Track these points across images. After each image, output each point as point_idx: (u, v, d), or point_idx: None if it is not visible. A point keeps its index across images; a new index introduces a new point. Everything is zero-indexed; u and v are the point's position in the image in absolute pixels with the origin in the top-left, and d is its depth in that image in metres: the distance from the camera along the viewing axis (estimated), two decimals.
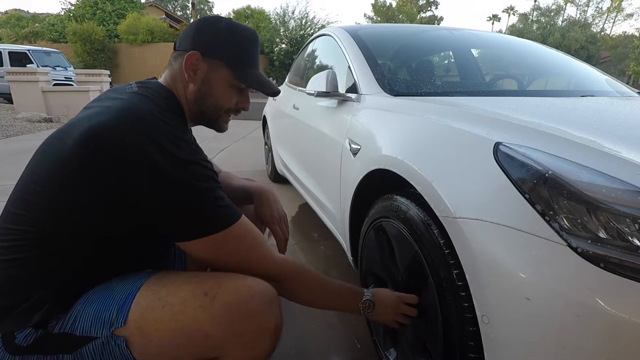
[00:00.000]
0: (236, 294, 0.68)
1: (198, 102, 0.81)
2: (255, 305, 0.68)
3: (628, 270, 0.49)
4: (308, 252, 1.93)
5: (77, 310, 0.66)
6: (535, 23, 29.64)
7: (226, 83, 0.81)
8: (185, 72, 0.78)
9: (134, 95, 0.73)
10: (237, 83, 0.82)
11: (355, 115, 1.29)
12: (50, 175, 0.65)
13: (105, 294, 0.68)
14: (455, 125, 0.84)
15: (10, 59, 9.10)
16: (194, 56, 0.77)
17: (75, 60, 16.81)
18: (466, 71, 1.86)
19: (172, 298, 0.66)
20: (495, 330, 0.61)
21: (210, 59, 0.79)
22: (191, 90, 0.80)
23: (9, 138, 4.68)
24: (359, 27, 1.83)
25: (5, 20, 24.78)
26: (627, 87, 1.65)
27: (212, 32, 0.79)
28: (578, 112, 0.98)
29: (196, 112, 0.83)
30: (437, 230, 0.76)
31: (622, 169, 0.56)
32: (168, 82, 0.81)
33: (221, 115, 0.85)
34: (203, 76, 0.79)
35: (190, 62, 0.77)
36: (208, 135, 5.23)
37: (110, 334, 0.64)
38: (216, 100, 0.82)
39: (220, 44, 0.79)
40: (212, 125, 0.87)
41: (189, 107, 0.82)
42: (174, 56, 0.82)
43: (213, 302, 0.66)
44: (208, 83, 0.80)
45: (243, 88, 0.84)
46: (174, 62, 0.81)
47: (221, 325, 0.65)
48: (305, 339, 1.24)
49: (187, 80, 0.79)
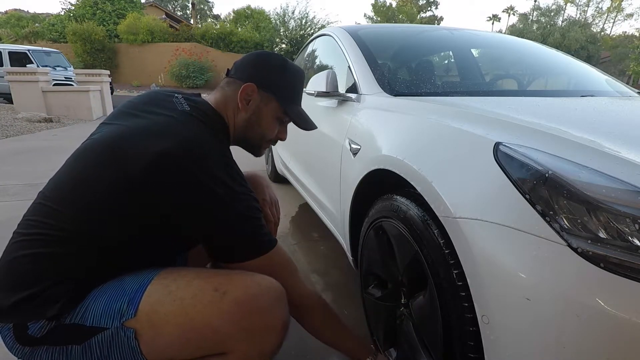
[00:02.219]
0: (245, 290, 0.70)
1: (245, 129, 0.88)
2: (263, 302, 0.70)
3: (628, 270, 0.49)
4: (308, 252, 1.93)
5: (88, 302, 0.68)
6: (535, 23, 29.64)
7: (274, 115, 0.89)
8: (239, 100, 0.85)
9: (191, 120, 0.77)
10: (283, 116, 0.90)
11: (355, 115, 1.29)
12: (103, 182, 0.68)
13: (117, 286, 0.70)
14: (455, 125, 0.84)
15: (10, 59, 9.10)
16: (250, 87, 0.84)
17: (75, 60, 16.80)
18: (466, 71, 1.86)
19: (182, 292, 0.68)
20: (495, 331, 0.61)
21: (263, 92, 0.86)
22: (241, 118, 0.87)
23: (9, 138, 4.67)
24: (359, 27, 1.83)
25: (5, 20, 24.77)
26: (627, 87, 1.65)
27: (269, 67, 0.87)
28: (578, 112, 0.98)
29: (241, 137, 0.90)
30: (437, 230, 0.76)
31: (622, 169, 0.56)
32: (219, 106, 0.86)
33: (263, 143, 0.93)
34: (254, 107, 0.87)
35: (246, 92, 0.84)
36: None
37: (121, 325, 0.66)
38: (262, 129, 0.90)
39: (274, 80, 0.87)
40: (252, 150, 0.95)
41: (235, 130, 0.88)
42: (226, 82, 0.88)
43: (223, 297, 0.68)
44: (258, 114, 0.87)
45: (286, 121, 0.93)
46: (227, 87, 0.87)
47: (230, 321, 0.67)
48: (305, 339, 1.23)
49: (240, 108, 0.86)
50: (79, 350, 0.66)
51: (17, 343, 0.65)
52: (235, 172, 0.75)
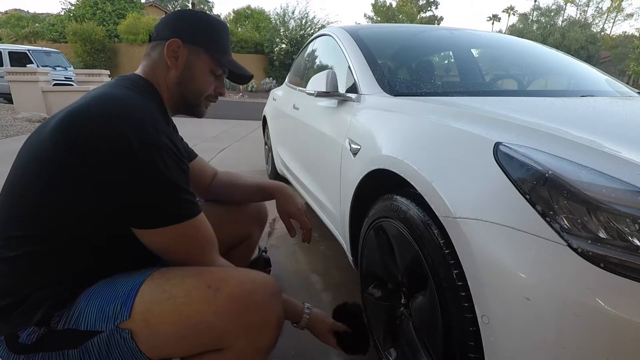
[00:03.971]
0: (239, 286, 0.69)
1: (180, 87, 0.84)
2: (258, 298, 0.70)
3: (628, 270, 0.49)
4: (308, 252, 1.93)
5: (80, 306, 0.67)
6: (535, 23, 29.63)
7: (206, 68, 0.85)
8: (167, 58, 0.81)
9: (110, 86, 0.75)
10: (216, 68, 0.86)
11: (355, 115, 1.29)
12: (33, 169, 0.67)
13: (109, 289, 0.69)
14: (455, 125, 0.84)
15: (10, 59, 9.10)
16: (175, 43, 0.80)
17: (75, 60, 16.79)
18: (466, 71, 1.86)
19: (175, 290, 0.68)
20: (495, 331, 0.61)
21: (190, 46, 0.82)
22: (173, 76, 0.83)
23: (9, 138, 4.68)
24: (359, 27, 1.83)
25: (5, 20, 24.77)
26: (627, 87, 1.65)
27: (190, 21, 0.83)
28: (578, 112, 0.98)
29: (177, 98, 0.85)
30: (437, 230, 0.76)
31: (622, 169, 0.56)
32: (147, 72, 0.83)
33: (202, 100, 0.89)
34: (185, 62, 0.83)
35: (172, 48, 0.81)
36: (208, 136, 5.24)
37: (115, 327, 0.65)
38: (197, 84, 0.85)
39: (199, 32, 0.83)
40: (193, 111, 0.90)
41: (170, 94, 0.84)
42: (151, 47, 0.85)
43: (217, 294, 0.67)
44: (189, 68, 0.83)
45: (220, 74, 0.88)
46: (152, 52, 0.84)
47: (225, 317, 0.67)
48: (305, 339, 1.23)
49: (170, 66, 0.82)
50: (76, 354, 0.66)
51: (11, 352, 0.64)
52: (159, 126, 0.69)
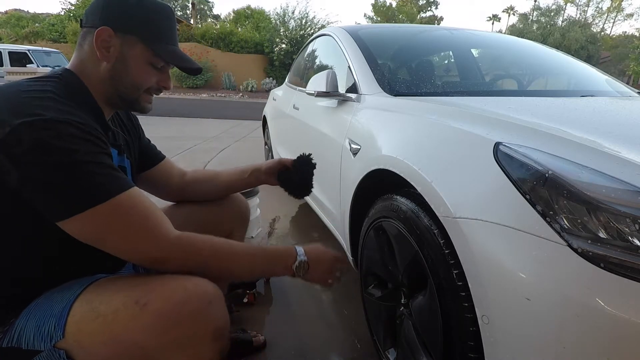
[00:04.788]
0: (168, 299, 0.63)
1: (113, 81, 0.75)
2: (189, 309, 0.63)
3: (628, 270, 0.49)
4: None
5: (21, 324, 0.65)
6: (535, 23, 29.62)
7: (143, 60, 0.75)
8: (97, 49, 0.71)
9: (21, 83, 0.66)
10: (155, 60, 0.76)
11: (355, 115, 1.29)
12: None
13: (46, 306, 0.66)
14: (455, 125, 0.84)
15: (10, 59, 9.08)
16: (105, 32, 0.70)
17: None
18: (466, 71, 1.86)
19: (104, 308, 0.63)
20: (495, 331, 0.61)
21: (123, 35, 0.72)
22: (105, 69, 0.73)
23: None
24: (359, 27, 1.83)
25: (5, 20, 24.77)
26: (627, 87, 1.65)
27: (122, 5, 0.73)
28: (578, 112, 0.98)
29: (112, 93, 0.76)
30: (437, 230, 0.76)
31: (622, 169, 0.56)
32: (76, 65, 0.74)
33: (140, 95, 0.78)
34: (117, 54, 0.73)
35: (102, 38, 0.71)
36: (208, 136, 5.24)
37: (52, 347, 0.63)
38: (133, 78, 0.76)
39: (132, 17, 0.73)
40: (132, 106, 0.80)
41: (103, 88, 0.75)
42: (82, 35, 0.74)
43: (143, 310, 0.62)
44: (123, 60, 0.74)
45: (162, 66, 0.78)
46: (83, 41, 0.74)
47: (153, 335, 0.61)
48: (305, 339, 1.24)
49: (100, 58, 0.72)
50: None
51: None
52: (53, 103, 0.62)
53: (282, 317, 1.37)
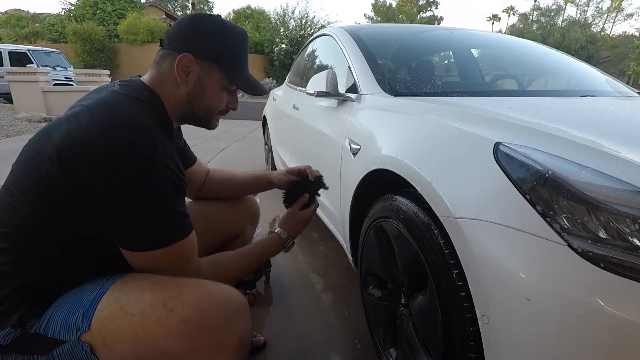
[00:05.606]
0: (194, 306, 0.64)
1: (189, 104, 0.80)
2: (214, 318, 0.64)
3: (628, 270, 0.49)
4: (308, 252, 1.93)
5: (51, 312, 0.66)
6: (535, 23, 29.64)
7: (219, 86, 0.81)
8: (177, 74, 0.76)
9: (113, 94, 0.72)
10: (230, 86, 0.82)
11: (355, 115, 1.29)
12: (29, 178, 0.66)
13: (76, 297, 0.67)
14: (455, 125, 0.84)
15: (10, 59, 9.10)
16: (186, 58, 0.75)
17: (75, 60, 16.81)
18: (466, 71, 1.86)
19: (132, 307, 0.64)
20: (495, 331, 0.61)
21: (203, 62, 0.77)
22: (182, 92, 0.79)
23: (9, 138, 4.68)
24: (359, 27, 1.83)
25: (5, 20, 24.77)
26: (627, 87, 1.65)
27: (206, 34, 0.78)
28: (578, 112, 0.98)
29: (186, 113, 0.82)
30: (437, 230, 0.76)
31: (622, 169, 0.56)
32: (154, 81, 0.78)
33: (212, 116, 0.86)
34: (195, 79, 0.78)
35: (183, 64, 0.76)
36: (208, 136, 5.24)
37: (77, 338, 0.63)
38: (208, 102, 0.82)
39: (213, 47, 0.78)
40: (203, 125, 0.87)
41: (179, 108, 0.80)
42: (161, 55, 0.79)
43: (170, 314, 0.63)
44: (200, 86, 0.79)
45: (233, 90, 0.85)
46: (162, 62, 0.79)
47: (178, 340, 0.62)
48: (305, 339, 1.24)
49: (179, 82, 0.77)
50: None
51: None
52: (156, 142, 0.68)
53: (282, 317, 1.37)
